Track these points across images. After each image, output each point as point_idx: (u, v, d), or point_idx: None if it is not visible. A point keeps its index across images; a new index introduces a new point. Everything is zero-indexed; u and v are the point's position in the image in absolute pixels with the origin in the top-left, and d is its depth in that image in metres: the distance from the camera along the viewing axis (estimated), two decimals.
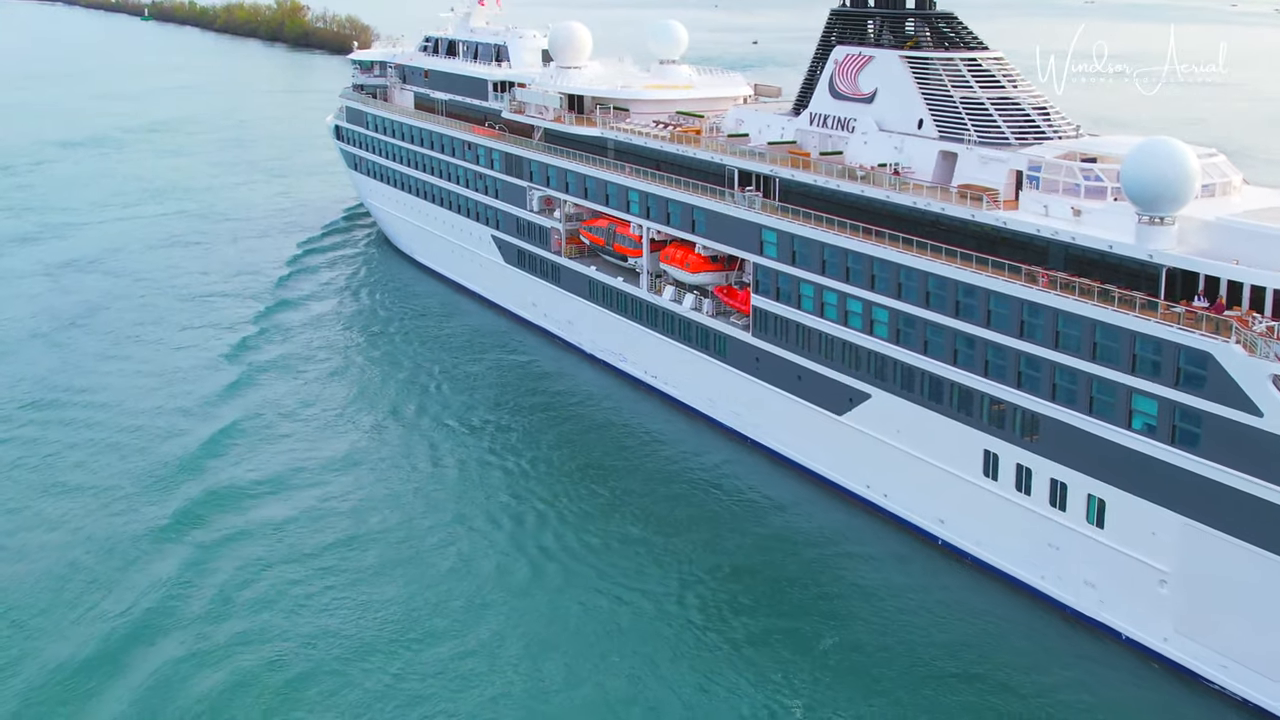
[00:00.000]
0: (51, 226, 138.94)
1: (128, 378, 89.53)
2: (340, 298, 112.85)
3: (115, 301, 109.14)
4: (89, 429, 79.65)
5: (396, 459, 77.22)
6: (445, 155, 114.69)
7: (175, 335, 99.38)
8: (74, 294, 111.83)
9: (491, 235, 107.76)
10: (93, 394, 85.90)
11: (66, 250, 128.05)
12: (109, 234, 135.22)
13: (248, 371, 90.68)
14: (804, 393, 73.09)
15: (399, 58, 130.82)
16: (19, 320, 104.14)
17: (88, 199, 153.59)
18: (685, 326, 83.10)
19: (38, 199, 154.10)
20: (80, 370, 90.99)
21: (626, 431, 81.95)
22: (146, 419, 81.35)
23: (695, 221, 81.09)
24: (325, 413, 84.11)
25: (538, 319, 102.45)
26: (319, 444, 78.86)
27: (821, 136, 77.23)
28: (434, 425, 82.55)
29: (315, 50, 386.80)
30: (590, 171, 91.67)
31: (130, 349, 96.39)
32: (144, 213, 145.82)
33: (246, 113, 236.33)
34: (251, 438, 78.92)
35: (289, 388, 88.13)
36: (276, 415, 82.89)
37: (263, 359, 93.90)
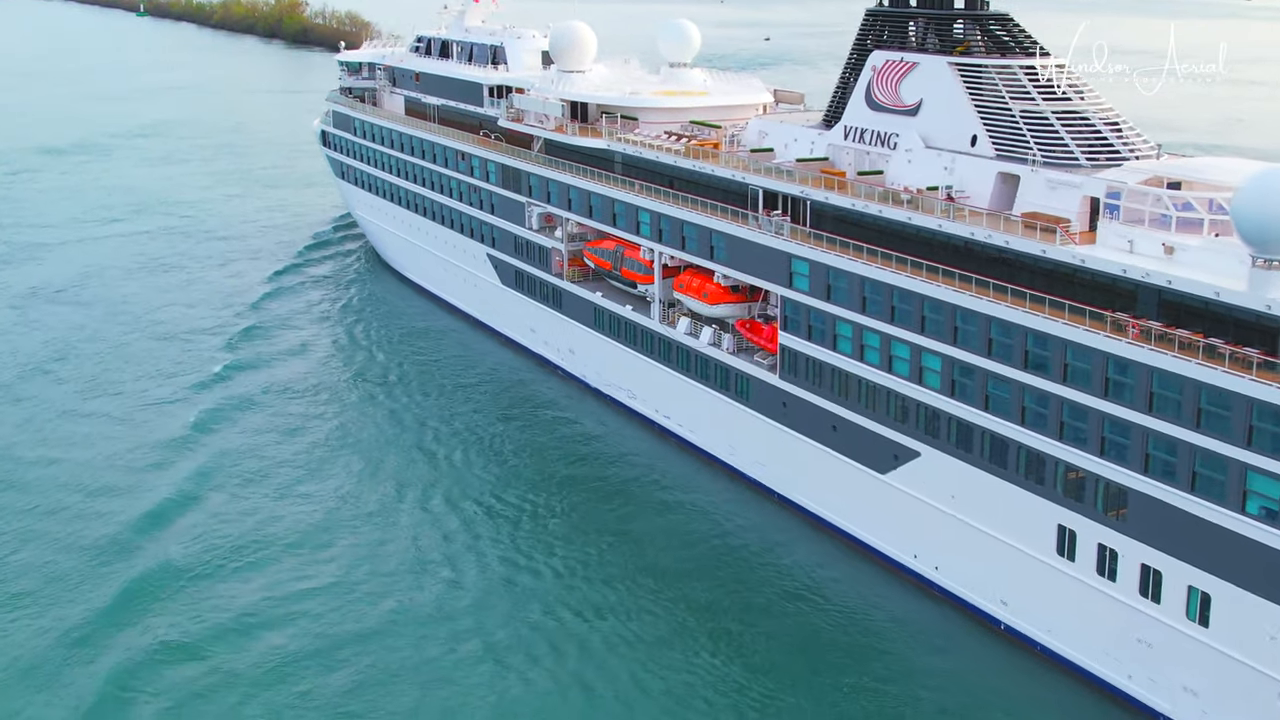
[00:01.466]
0: (23, 247, 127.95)
1: (92, 445, 77.25)
2: (328, 326, 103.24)
3: (85, 343, 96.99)
4: (42, 507, 68.90)
5: (382, 510, 69.03)
6: (437, 166, 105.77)
7: (148, 386, 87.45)
8: (40, 331, 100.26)
9: (487, 254, 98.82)
10: (52, 465, 74.19)
11: (37, 275, 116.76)
12: (86, 256, 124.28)
13: (223, 435, 79.27)
14: (840, 446, 64.13)
15: (388, 59, 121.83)
16: None
17: (67, 214, 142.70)
18: (702, 364, 74.14)
19: (12, 214, 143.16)
20: (41, 433, 79.31)
21: (636, 480, 73.47)
22: (104, 495, 70.21)
23: (714, 247, 72.12)
24: (309, 458, 75.97)
25: (537, 346, 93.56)
26: (299, 498, 70.54)
27: (858, 153, 68.19)
28: (424, 475, 74.10)
29: (314, 47, 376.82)
30: (595, 188, 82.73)
31: (98, 404, 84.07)
32: (126, 230, 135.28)
33: (242, 114, 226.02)
34: (225, 506, 69.96)
35: (269, 441, 78.39)
36: (252, 474, 74.04)
37: (244, 418, 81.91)
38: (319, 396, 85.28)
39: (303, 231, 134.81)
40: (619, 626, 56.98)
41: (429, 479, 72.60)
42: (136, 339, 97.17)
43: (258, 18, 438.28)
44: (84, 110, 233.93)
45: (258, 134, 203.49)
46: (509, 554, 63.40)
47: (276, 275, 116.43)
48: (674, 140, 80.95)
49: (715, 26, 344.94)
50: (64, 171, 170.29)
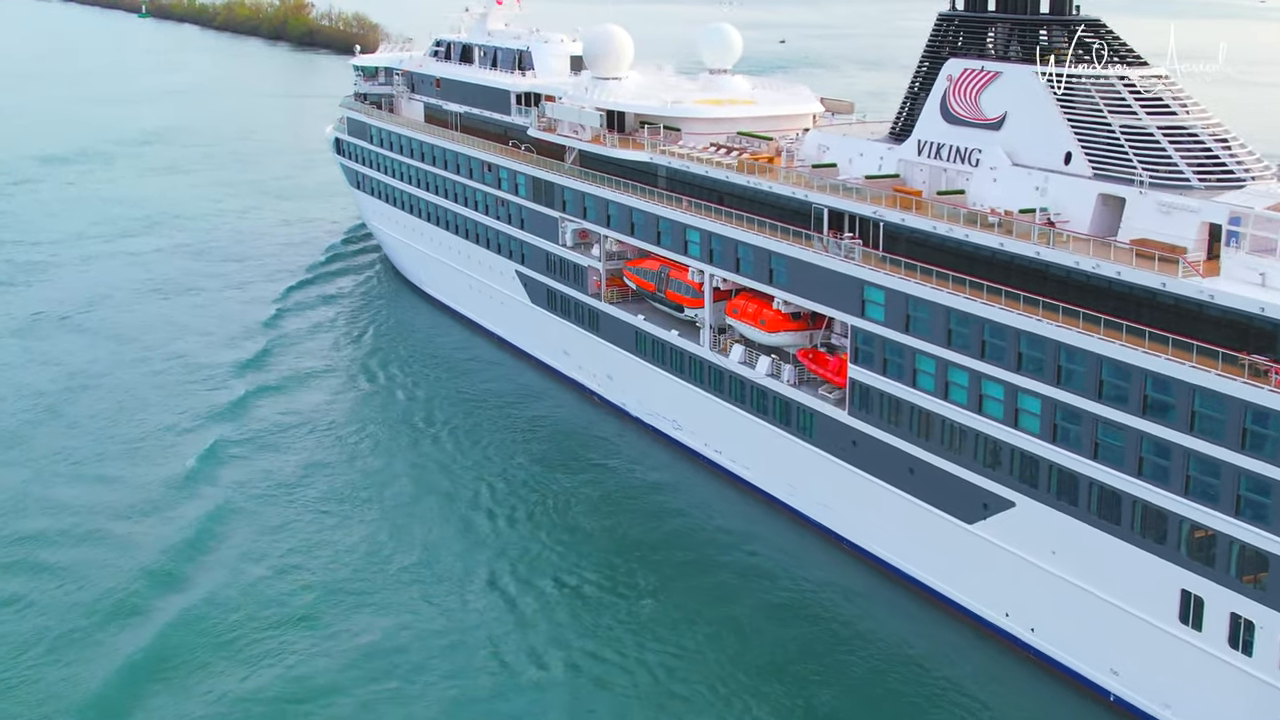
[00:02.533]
0: (25, 266, 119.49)
1: (99, 493, 69.52)
2: (348, 350, 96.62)
3: (96, 379, 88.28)
4: (48, 564, 62.11)
5: (411, 550, 63.86)
6: (460, 177, 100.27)
7: (160, 427, 79.31)
8: (44, 365, 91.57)
9: (516, 271, 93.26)
10: (60, 514, 66.79)
11: (41, 298, 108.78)
12: (92, 276, 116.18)
13: (238, 479, 71.96)
14: (919, 491, 58.59)
15: (406, 63, 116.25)
16: None
17: (69, 230, 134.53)
18: (759, 396, 68.58)
19: (11, 230, 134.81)
20: (48, 493, 69.66)
21: (688, 520, 68.22)
22: (112, 547, 63.28)
23: (773, 271, 66.55)
24: (333, 503, 69.87)
25: (570, 370, 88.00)
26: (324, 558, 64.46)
27: (933, 170, 62.62)
28: (451, 511, 68.50)
29: (320, 50, 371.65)
30: (638, 204, 77.17)
31: (108, 447, 76.26)
32: (134, 248, 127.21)
33: (250, 120, 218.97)
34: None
35: (286, 487, 71.62)
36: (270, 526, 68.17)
37: (261, 460, 74.65)
38: (341, 433, 79.28)
39: (318, 246, 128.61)
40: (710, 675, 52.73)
41: (468, 535, 65.50)
42: (147, 373, 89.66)
43: (262, 19, 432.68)
44: (85, 114, 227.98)
45: (267, 141, 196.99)
46: (569, 640, 56.53)
47: (291, 294, 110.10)
48: (722, 153, 75.55)
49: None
50: (68, 182, 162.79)
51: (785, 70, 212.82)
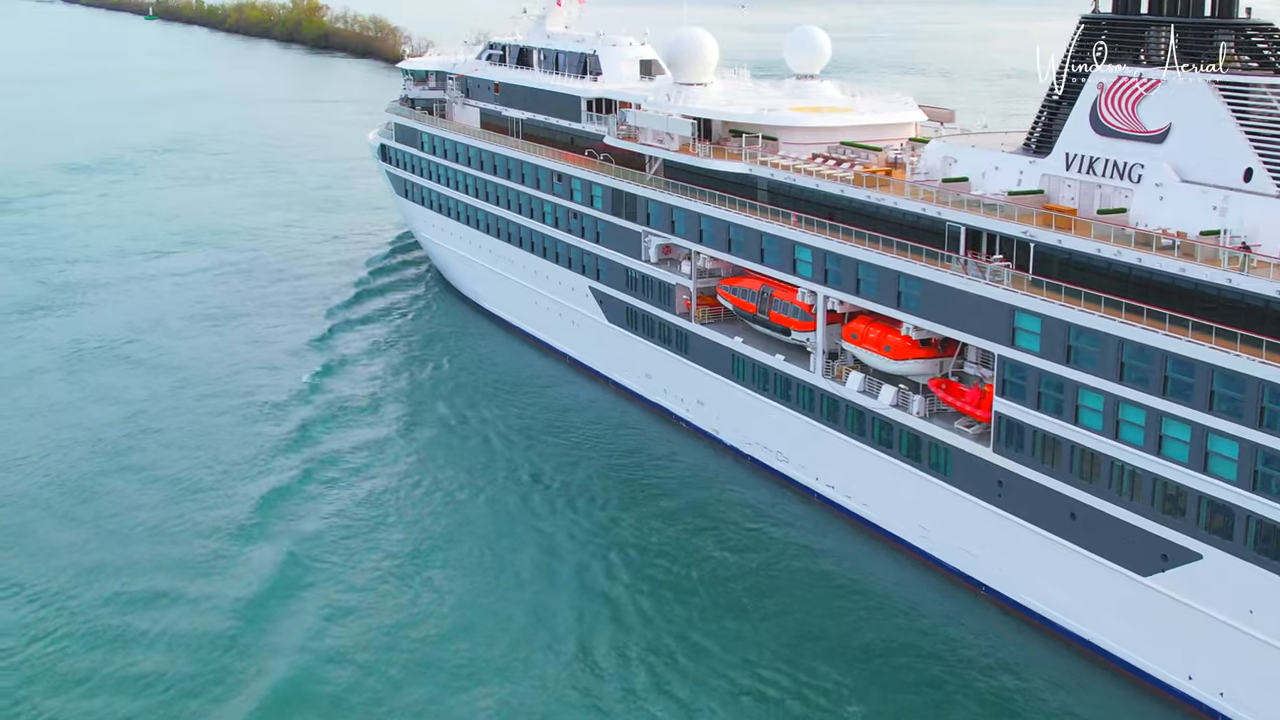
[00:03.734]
0: (63, 289, 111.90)
1: (181, 575, 60.96)
2: (407, 374, 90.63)
3: (156, 420, 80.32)
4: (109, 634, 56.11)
5: (486, 607, 58.43)
6: (526, 187, 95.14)
7: (229, 481, 71.35)
8: (100, 403, 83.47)
9: (590, 288, 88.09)
10: (139, 601, 58.52)
11: (83, 327, 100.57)
12: (135, 301, 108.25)
13: (305, 529, 65.97)
14: (1083, 539, 53.42)
15: (460, 67, 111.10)
16: (22, 460, 74.31)
17: (105, 246, 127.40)
18: (882, 428, 63.37)
19: (45, 247, 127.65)
20: (125, 551, 62.74)
21: (804, 563, 63.12)
22: (175, 606, 57.95)
23: (903, 294, 61.32)
24: (410, 552, 64.32)
25: (653, 394, 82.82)
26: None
27: (1084, 186, 57.46)
28: (564, 578, 62.17)
29: (335, 53, 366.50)
30: (738, 218, 72.03)
31: (180, 510, 67.41)
32: (175, 267, 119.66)
33: (276, 127, 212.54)
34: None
35: (355, 535, 66.36)
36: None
37: (329, 504, 68.75)
38: (416, 470, 73.13)
39: (365, 261, 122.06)
40: None
41: (598, 612, 58.27)
42: (207, 411, 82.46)
43: (274, 21, 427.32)
44: (104, 120, 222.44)
45: (298, 149, 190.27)
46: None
47: (343, 314, 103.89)
48: (830, 165, 70.43)
49: (741, 31, 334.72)
50: (100, 193, 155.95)
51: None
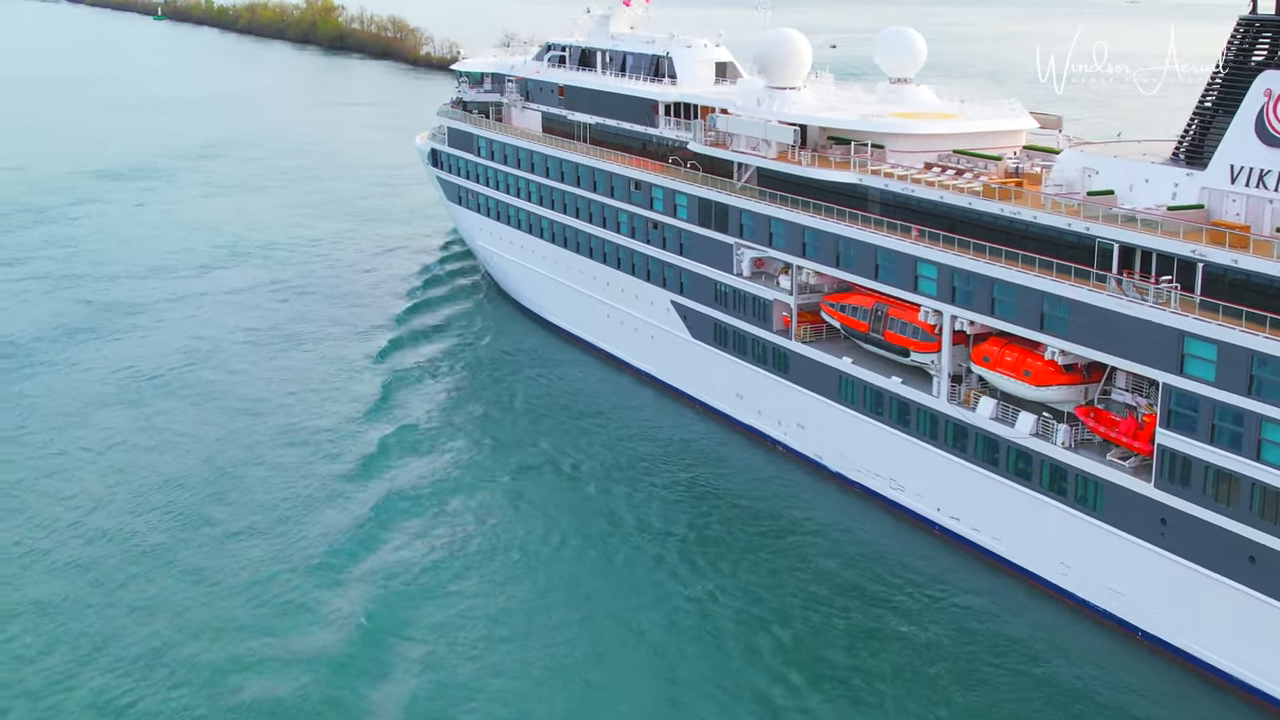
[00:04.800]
0: (107, 310, 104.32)
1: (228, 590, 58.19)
2: (477, 393, 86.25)
3: (227, 459, 73.33)
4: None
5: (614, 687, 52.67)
6: (599, 195, 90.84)
7: (296, 512, 66.71)
8: (163, 443, 75.89)
9: (672, 301, 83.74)
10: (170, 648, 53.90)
11: (134, 351, 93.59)
12: (187, 321, 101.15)
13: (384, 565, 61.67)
14: (1264, 585, 48.92)
15: (520, 69, 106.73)
16: (92, 508, 66.67)
17: (147, 261, 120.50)
18: (1019, 458, 58.98)
19: (84, 261, 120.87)
20: (224, 610, 57.35)
21: (932, 606, 58.48)
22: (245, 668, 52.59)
23: (1047, 315, 56.92)
24: (496, 602, 59.66)
25: (745, 415, 78.46)
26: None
27: (1253, 201, 53.14)
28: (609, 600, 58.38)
29: (352, 54, 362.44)
30: (849, 231, 67.65)
31: (261, 569, 61.00)
32: (225, 283, 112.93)
33: (303, 131, 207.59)
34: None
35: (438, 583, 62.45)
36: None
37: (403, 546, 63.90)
38: (495, 504, 68.46)
39: (419, 275, 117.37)
40: None
41: (700, 676, 53.09)
42: (273, 446, 75.75)
43: (288, 22, 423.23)
44: (127, 124, 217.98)
45: (334, 154, 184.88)
46: None
47: (403, 332, 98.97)
48: (946, 174, 66.09)
49: (760, 31, 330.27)
50: (136, 203, 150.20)
51: (849, 78, 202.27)
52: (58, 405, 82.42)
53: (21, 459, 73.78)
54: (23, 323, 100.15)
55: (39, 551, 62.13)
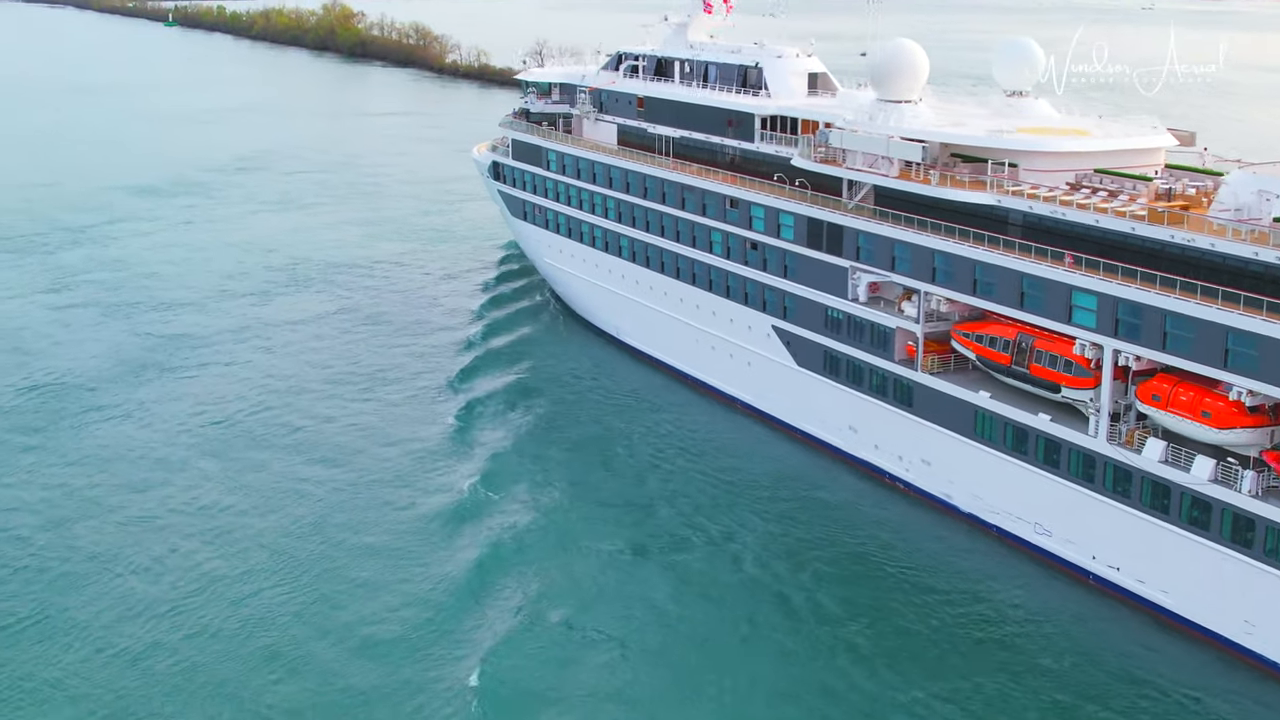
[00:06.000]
0: (171, 343, 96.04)
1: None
2: (564, 429, 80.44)
3: (331, 524, 65.86)
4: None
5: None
6: (688, 213, 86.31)
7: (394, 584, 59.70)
8: (260, 502, 68.39)
9: (774, 326, 79.12)
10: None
11: (207, 392, 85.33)
12: (257, 357, 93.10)
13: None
14: None
15: (592, 80, 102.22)
16: (204, 588, 59.22)
17: (203, 286, 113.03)
18: (1196, 506, 54.44)
19: (134, 287, 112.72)
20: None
21: (1085, 676, 53.44)
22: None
23: (1232, 352, 52.25)
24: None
25: (860, 450, 73.83)
26: None
27: None
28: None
29: (373, 61, 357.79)
30: (989, 256, 63.06)
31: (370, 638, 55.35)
32: (290, 312, 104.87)
33: (341, 142, 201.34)
34: None
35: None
36: None
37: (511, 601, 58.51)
38: (616, 566, 63.02)
39: (488, 289, 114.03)
40: None
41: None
42: (361, 502, 68.81)
43: (306, 29, 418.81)
44: (157, 135, 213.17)
45: (379, 168, 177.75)
46: None
47: (485, 363, 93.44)
48: (1096, 196, 61.50)
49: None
50: (183, 220, 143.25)
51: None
52: (134, 459, 74.70)
53: (105, 525, 65.56)
54: (78, 359, 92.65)
55: (147, 644, 54.98)
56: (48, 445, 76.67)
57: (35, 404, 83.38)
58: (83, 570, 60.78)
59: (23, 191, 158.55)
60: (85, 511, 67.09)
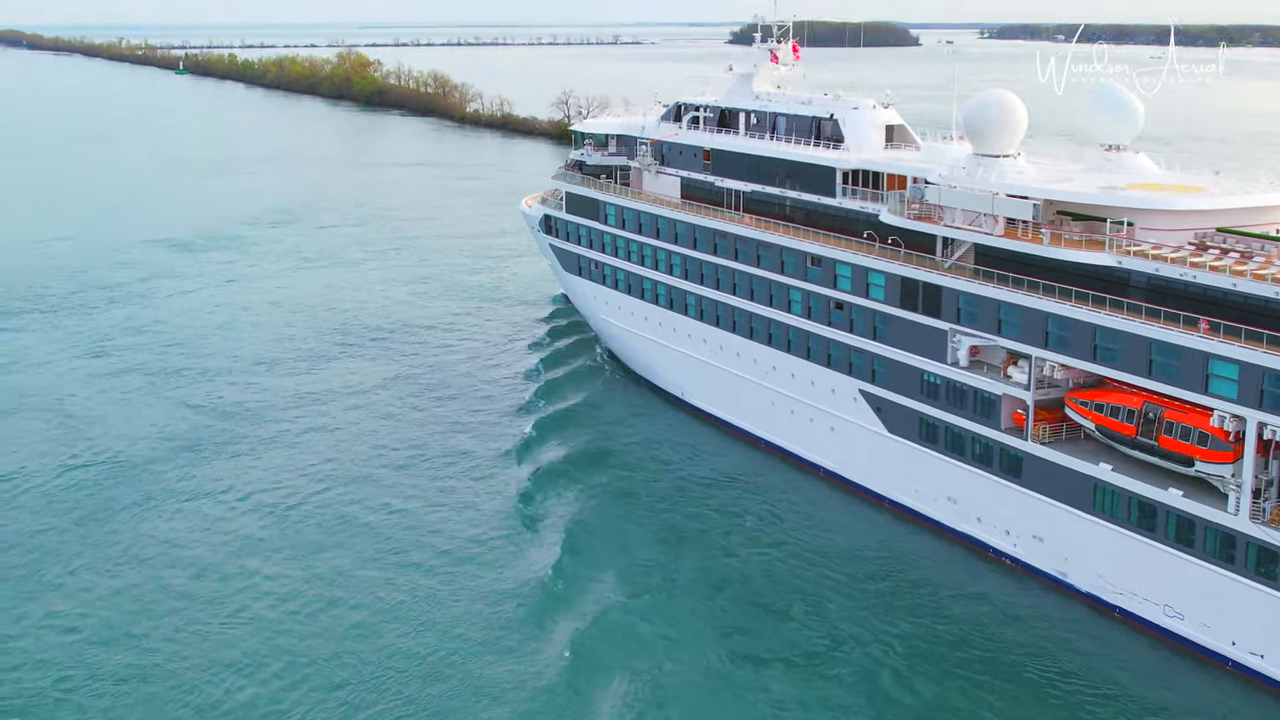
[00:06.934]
0: (222, 418, 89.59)
1: None
2: (639, 500, 76.55)
3: (404, 629, 60.27)
4: None
5: None
6: (763, 270, 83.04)
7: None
8: (333, 610, 62.06)
9: (861, 391, 75.50)
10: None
11: (267, 478, 78.94)
12: (315, 437, 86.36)
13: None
14: None
15: (653, 131, 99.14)
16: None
17: (249, 352, 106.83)
18: None
19: (179, 353, 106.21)
20: None
21: None
22: None
23: None
24: None
25: (958, 522, 70.10)
26: None
27: None
28: None
29: (390, 110, 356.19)
30: (1110, 321, 59.71)
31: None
32: (342, 382, 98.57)
33: (373, 194, 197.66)
34: None
35: None
36: None
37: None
38: (697, 649, 59.24)
39: (536, 349, 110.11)
40: None
41: None
42: (441, 605, 63.08)
43: (321, 78, 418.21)
44: (183, 187, 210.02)
45: (417, 221, 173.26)
46: None
47: (544, 424, 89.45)
48: (1223, 256, 58.01)
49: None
50: (225, 278, 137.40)
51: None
52: (201, 551, 68.53)
53: (180, 636, 59.17)
54: (128, 436, 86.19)
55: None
56: (107, 538, 70.07)
57: (89, 489, 77.27)
58: (163, 692, 55.20)
59: (48, 245, 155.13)
60: (154, 619, 61.27)
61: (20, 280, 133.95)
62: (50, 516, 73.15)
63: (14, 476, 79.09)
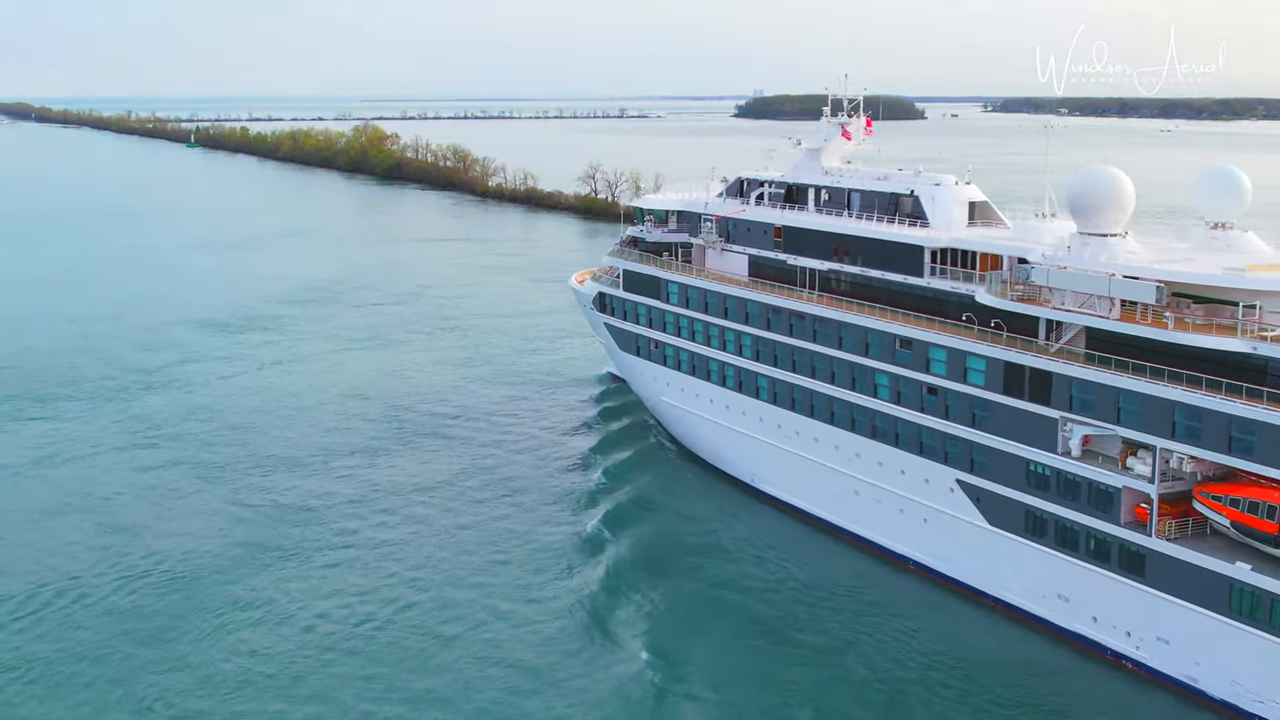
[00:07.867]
0: (282, 521, 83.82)
1: None
2: (713, 595, 73.50)
3: None
4: None
5: None
6: (846, 353, 79.67)
7: None
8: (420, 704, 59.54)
9: (958, 481, 71.84)
10: None
11: (336, 585, 73.62)
12: (379, 542, 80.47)
13: None
14: None
15: (716, 207, 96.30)
16: None
17: (304, 443, 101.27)
18: None
19: (229, 445, 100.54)
20: None
21: None
22: None
23: None
24: None
25: (1071, 622, 66.40)
26: None
27: None
28: None
29: (409, 184, 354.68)
30: (1247, 411, 56.17)
31: None
32: (403, 477, 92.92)
33: (409, 270, 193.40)
34: None
35: None
36: None
37: None
38: None
39: (589, 431, 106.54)
40: None
41: None
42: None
43: (337, 151, 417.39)
44: (211, 264, 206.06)
45: (458, 300, 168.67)
46: None
47: (612, 516, 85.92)
48: None
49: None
50: (272, 360, 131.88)
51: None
52: (276, 668, 63.58)
53: None
54: (185, 541, 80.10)
55: None
56: (177, 662, 64.22)
57: (151, 602, 71.27)
58: None
59: (79, 326, 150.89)
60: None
61: (53, 364, 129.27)
62: (112, 638, 67.06)
63: (68, 591, 72.63)
